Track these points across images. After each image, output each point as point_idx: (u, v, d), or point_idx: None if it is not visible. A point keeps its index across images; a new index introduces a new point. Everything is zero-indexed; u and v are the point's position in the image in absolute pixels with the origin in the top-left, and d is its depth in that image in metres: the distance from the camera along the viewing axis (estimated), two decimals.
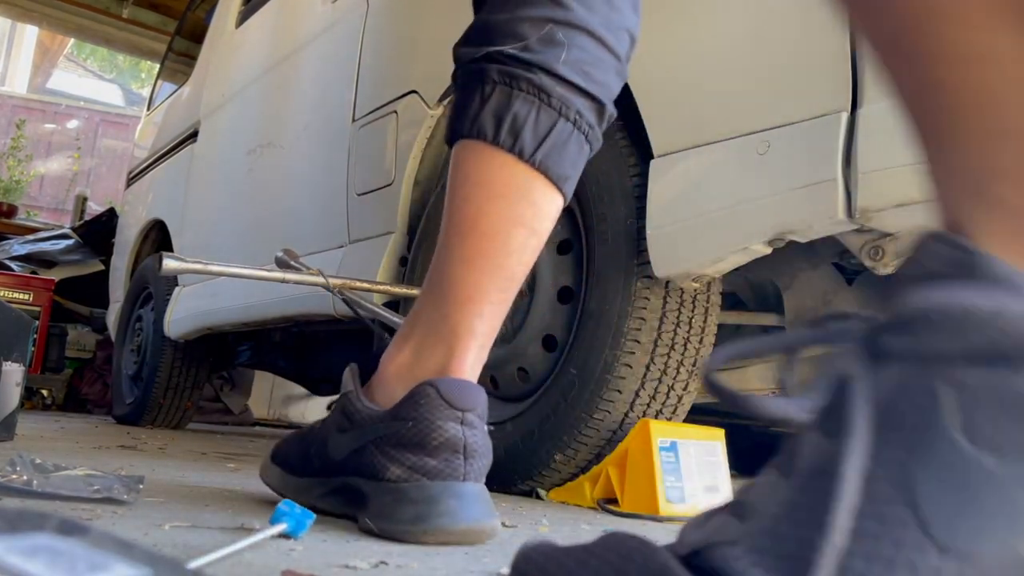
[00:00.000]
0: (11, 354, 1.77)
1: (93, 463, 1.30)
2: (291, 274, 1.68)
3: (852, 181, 1.19)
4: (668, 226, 1.44)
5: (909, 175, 1.15)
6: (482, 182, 1.04)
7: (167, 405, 3.28)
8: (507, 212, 1.04)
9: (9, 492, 0.94)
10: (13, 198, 6.60)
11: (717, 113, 1.39)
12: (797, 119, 1.26)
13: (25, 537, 0.44)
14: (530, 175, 1.04)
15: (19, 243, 5.09)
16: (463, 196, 1.05)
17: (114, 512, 0.90)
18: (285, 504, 0.84)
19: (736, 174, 1.33)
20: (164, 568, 0.45)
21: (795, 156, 1.25)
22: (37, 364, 4.13)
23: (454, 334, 1.02)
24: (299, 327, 2.82)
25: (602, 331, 1.52)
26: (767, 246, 1.34)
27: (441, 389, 0.97)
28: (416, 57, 2.12)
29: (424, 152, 2.05)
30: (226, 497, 1.14)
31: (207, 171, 3.16)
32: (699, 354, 1.57)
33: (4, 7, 6.50)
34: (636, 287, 1.51)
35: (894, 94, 0.48)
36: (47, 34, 9.80)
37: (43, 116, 10.37)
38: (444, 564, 0.81)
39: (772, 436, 4.33)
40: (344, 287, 1.72)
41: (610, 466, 1.49)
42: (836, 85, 1.22)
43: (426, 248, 1.98)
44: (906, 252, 1.32)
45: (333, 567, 0.73)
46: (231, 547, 0.71)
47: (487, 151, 1.04)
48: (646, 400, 1.54)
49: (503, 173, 1.04)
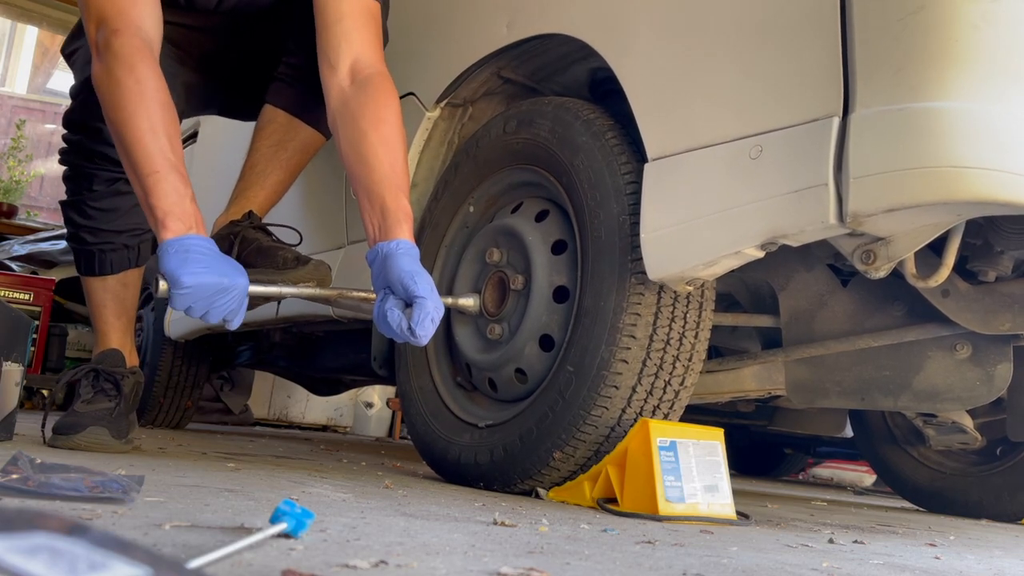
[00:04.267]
0: (11, 354, 1.77)
1: (93, 463, 1.31)
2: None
3: (844, 186, 1.19)
4: (662, 229, 1.44)
5: (900, 180, 1.15)
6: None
7: (167, 405, 3.28)
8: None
9: (9, 492, 0.95)
10: (13, 198, 6.59)
11: (710, 117, 1.39)
12: (789, 124, 1.27)
13: (25, 537, 0.45)
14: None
15: (19, 243, 5.09)
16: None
17: (114, 512, 0.91)
18: (285, 504, 0.84)
19: (729, 178, 1.34)
20: (164, 568, 0.46)
21: (787, 160, 1.26)
22: (37, 364, 4.12)
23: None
24: (299, 327, 2.83)
25: (598, 328, 1.53)
26: (759, 250, 1.34)
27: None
28: (413, 59, 2.12)
29: (422, 154, 2.06)
30: (226, 497, 1.15)
31: (207, 172, 3.17)
32: (695, 349, 1.58)
33: (4, 7, 6.50)
34: (630, 283, 1.52)
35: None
36: (47, 34, 9.78)
37: (43, 116, 10.35)
38: (444, 564, 0.81)
39: (772, 436, 4.33)
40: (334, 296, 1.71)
41: (610, 466, 1.49)
42: (828, 90, 1.22)
43: (423, 252, 1.98)
44: (898, 256, 1.34)
45: (333, 567, 0.73)
46: (231, 547, 0.72)
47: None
48: (643, 396, 1.55)
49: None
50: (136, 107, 1.50)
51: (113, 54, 1.53)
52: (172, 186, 1.46)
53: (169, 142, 1.50)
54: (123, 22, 1.55)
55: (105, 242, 1.91)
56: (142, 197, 1.49)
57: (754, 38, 1.34)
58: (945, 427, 2.38)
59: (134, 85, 1.51)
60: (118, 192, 1.88)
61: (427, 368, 1.91)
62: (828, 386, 1.87)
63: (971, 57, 1.14)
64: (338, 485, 1.49)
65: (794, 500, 2.72)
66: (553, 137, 1.70)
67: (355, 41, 1.69)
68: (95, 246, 1.91)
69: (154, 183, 1.46)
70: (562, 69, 1.93)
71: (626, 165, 1.57)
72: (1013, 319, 1.65)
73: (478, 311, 1.79)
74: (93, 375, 1.89)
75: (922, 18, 1.16)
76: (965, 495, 2.64)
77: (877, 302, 1.79)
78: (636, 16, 1.54)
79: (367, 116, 1.61)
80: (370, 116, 1.61)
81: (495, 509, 1.35)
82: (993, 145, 1.13)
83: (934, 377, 1.81)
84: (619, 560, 0.96)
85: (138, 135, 1.49)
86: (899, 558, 1.31)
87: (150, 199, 1.46)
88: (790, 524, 1.69)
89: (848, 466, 5.43)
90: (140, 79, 1.51)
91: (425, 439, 1.86)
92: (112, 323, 1.97)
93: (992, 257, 1.60)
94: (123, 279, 1.96)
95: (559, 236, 1.71)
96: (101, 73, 1.55)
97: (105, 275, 1.94)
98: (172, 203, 1.45)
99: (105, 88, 1.54)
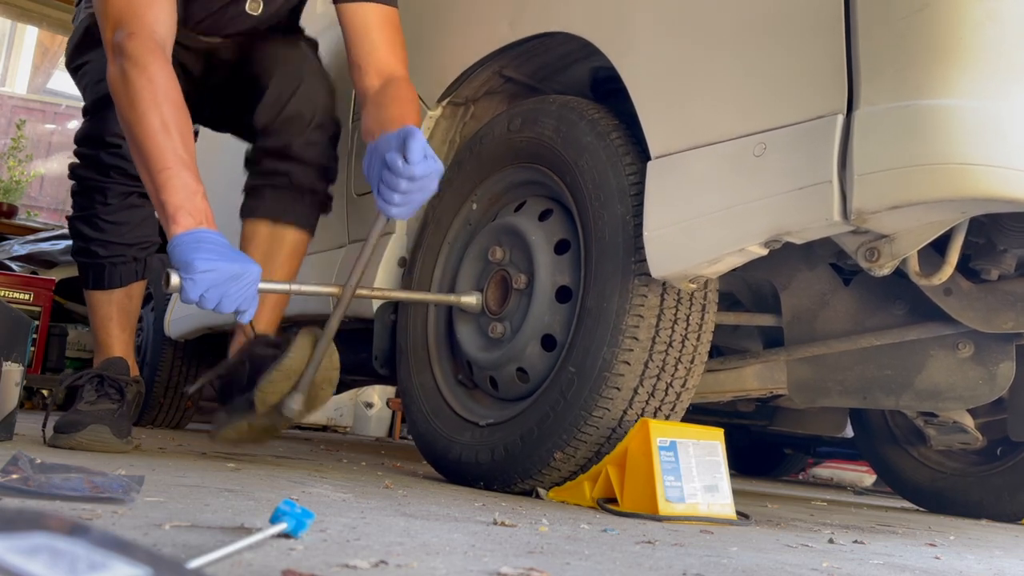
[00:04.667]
0: (11, 354, 1.77)
1: (93, 463, 1.30)
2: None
3: (848, 183, 1.19)
4: (665, 227, 1.44)
5: (905, 177, 1.15)
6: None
7: (167, 405, 3.28)
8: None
9: (9, 492, 0.95)
10: (13, 198, 6.59)
11: (714, 115, 1.39)
12: (793, 121, 1.27)
13: (25, 537, 0.44)
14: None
15: (19, 243, 5.09)
16: None
17: (114, 512, 0.90)
18: (285, 504, 0.84)
19: (732, 176, 1.34)
20: (164, 568, 0.46)
21: (791, 158, 1.26)
22: (37, 364, 4.12)
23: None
24: (298, 327, 2.82)
25: (600, 329, 1.53)
26: (763, 248, 1.34)
27: None
28: (415, 58, 2.12)
29: None
30: (226, 497, 1.15)
31: (207, 172, 3.16)
32: (697, 351, 1.58)
33: (4, 7, 6.50)
34: (634, 284, 1.51)
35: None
36: (47, 34, 9.78)
37: (43, 116, 10.35)
38: (444, 564, 0.81)
39: (772, 436, 4.33)
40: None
41: (610, 465, 1.49)
42: (832, 87, 1.22)
43: (425, 249, 1.98)
44: (902, 253, 1.33)
45: (333, 567, 0.73)
46: (231, 547, 0.72)
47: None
48: (644, 397, 1.54)
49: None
50: (149, 105, 1.55)
51: (127, 56, 1.58)
52: (183, 182, 1.51)
53: (181, 139, 1.55)
54: (138, 25, 1.61)
55: (116, 255, 1.95)
56: (153, 193, 1.54)
57: (758, 35, 1.34)
58: (946, 427, 2.38)
59: (147, 84, 1.56)
60: (131, 205, 1.94)
61: (428, 365, 1.91)
62: (830, 385, 1.87)
63: (975, 54, 1.14)
64: (338, 485, 1.49)
65: (794, 500, 2.72)
66: (558, 136, 1.70)
67: (381, 49, 1.84)
68: (106, 259, 1.95)
69: (165, 179, 1.51)
70: (563, 68, 1.93)
71: (630, 166, 1.56)
72: (1016, 318, 1.65)
73: (480, 309, 1.79)
74: (97, 380, 1.90)
75: (926, 15, 1.15)
76: (965, 495, 2.64)
77: (879, 301, 1.79)
78: (638, 14, 1.54)
79: (390, 106, 1.72)
80: (393, 107, 1.72)
81: (495, 509, 1.35)
82: (998, 142, 1.13)
83: (936, 376, 1.81)
84: (619, 560, 0.96)
85: (150, 132, 1.54)
86: (899, 558, 1.30)
87: (161, 195, 1.51)
88: (790, 524, 1.69)
89: (848, 466, 5.43)
90: (152, 78, 1.57)
91: (426, 437, 1.86)
92: (117, 335, 2.00)
93: (995, 255, 1.60)
94: (129, 291, 2.00)
95: (562, 236, 1.70)
96: (116, 75, 1.60)
97: (113, 288, 1.98)
98: (183, 199, 1.49)
99: (119, 88, 1.59)
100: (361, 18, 1.85)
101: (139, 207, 1.94)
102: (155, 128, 1.53)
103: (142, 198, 1.93)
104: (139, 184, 1.86)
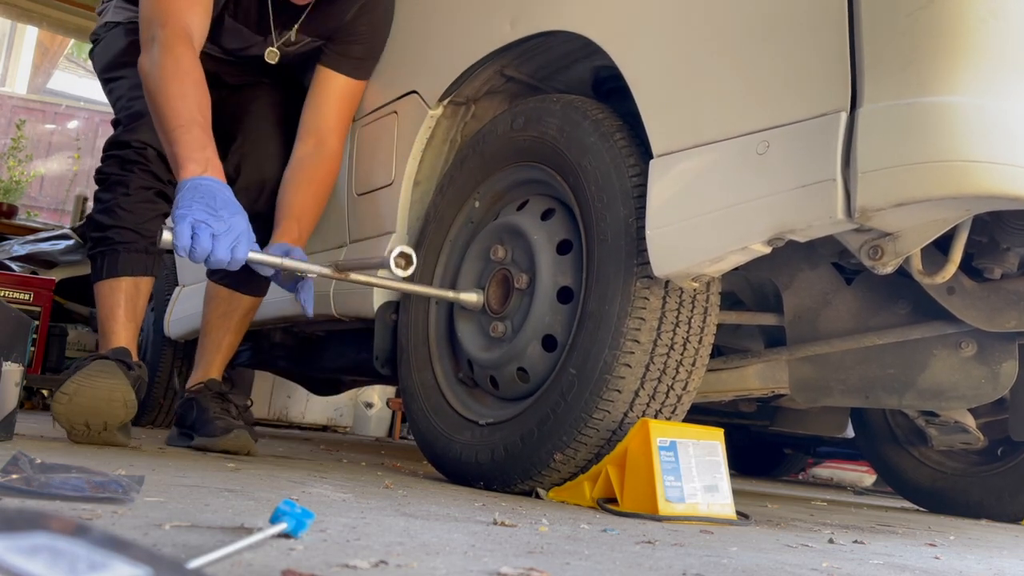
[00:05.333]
0: (11, 354, 1.77)
1: (93, 463, 1.30)
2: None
3: (851, 181, 1.19)
4: (668, 226, 1.44)
5: (909, 174, 1.15)
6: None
7: (167, 405, 3.27)
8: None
9: (9, 492, 0.94)
10: (13, 198, 6.60)
11: (717, 113, 1.39)
12: (796, 119, 1.26)
13: (26, 537, 0.44)
14: None
15: (19, 243, 5.09)
16: None
17: (114, 512, 0.90)
18: (285, 504, 0.84)
19: (735, 174, 1.33)
20: (164, 568, 0.45)
21: (795, 156, 1.25)
22: (37, 364, 4.12)
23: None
24: (299, 327, 2.82)
25: (602, 331, 1.52)
26: (766, 246, 1.33)
27: None
28: (416, 57, 2.12)
29: (424, 152, 2.05)
30: (226, 497, 1.14)
31: None
32: (698, 354, 1.57)
33: (4, 7, 6.50)
34: (636, 287, 1.51)
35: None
36: (47, 34, 9.79)
37: (43, 116, 10.37)
38: (444, 564, 0.81)
39: (772, 436, 4.33)
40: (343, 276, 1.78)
41: (610, 465, 1.49)
42: (835, 85, 1.22)
43: (427, 247, 1.98)
44: (906, 251, 1.33)
45: (333, 567, 0.73)
46: (231, 547, 0.71)
47: None
48: (645, 400, 1.54)
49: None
50: (171, 78, 1.76)
51: (159, 43, 1.80)
52: (194, 136, 1.70)
53: (197, 105, 1.76)
54: (174, 20, 1.84)
55: (128, 241, 2.03)
56: (168, 149, 1.74)
57: (761, 32, 1.33)
58: (948, 427, 2.38)
59: (172, 63, 1.78)
60: (150, 200, 2.05)
61: (429, 363, 1.91)
62: (832, 384, 1.86)
63: (980, 51, 1.14)
64: (338, 485, 1.48)
65: (794, 500, 2.72)
66: (561, 136, 1.69)
67: (330, 118, 2.15)
68: (119, 244, 2.03)
69: (179, 135, 1.71)
70: (565, 67, 1.92)
71: (634, 168, 1.56)
72: (1019, 317, 1.64)
73: (481, 308, 1.79)
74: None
75: (930, 12, 1.15)
76: (966, 495, 2.64)
77: (881, 300, 1.79)
78: (641, 12, 1.54)
79: (307, 171, 2.09)
80: (310, 172, 2.09)
81: (495, 509, 1.35)
82: (1002, 139, 1.13)
83: (939, 375, 1.80)
84: (619, 560, 0.95)
85: (168, 99, 1.75)
86: (899, 558, 1.30)
87: (173, 148, 1.71)
88: (790, 524, 1.69)
89: (848, 466, 5.43)
90: (177, 58, 1.79)
91: (426, 436, 1.85)
92: (124, 324, 2.03)
93: (998, 254, 1.60)
94: (137, 283, 2.04)
95: (564, 236, 1.70)
96: (146, 61, 1.82)
97: (123, 276, 2.02)
98: (192, 150, 1.68)
99: (148, 71, 1.80)
100: (332, 85, 2.15)
101: (156, 203, 2.04)
102: (174, 94, 1.74)
103: (160, 196, 2.04)
104: (160, 182, 2.02)
